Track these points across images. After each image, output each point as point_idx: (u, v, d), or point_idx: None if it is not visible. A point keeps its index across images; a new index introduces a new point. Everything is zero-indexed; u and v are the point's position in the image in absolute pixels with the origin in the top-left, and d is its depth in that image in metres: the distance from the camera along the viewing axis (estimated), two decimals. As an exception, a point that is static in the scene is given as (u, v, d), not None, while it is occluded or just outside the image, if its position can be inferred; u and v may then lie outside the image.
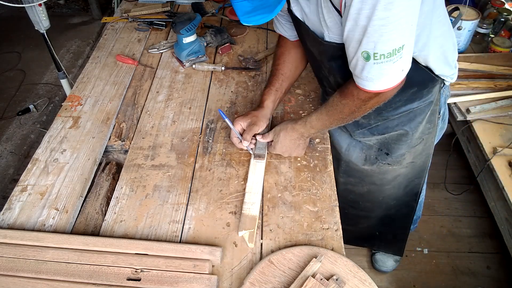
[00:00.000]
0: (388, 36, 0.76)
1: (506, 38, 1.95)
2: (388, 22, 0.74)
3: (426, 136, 1.20)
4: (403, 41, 0.78)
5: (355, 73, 0.86)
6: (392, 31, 0.75)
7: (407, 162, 1.27)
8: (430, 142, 1.24)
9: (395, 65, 0.80)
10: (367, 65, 0.82)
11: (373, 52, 0.78)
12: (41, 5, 1.58)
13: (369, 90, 0.86)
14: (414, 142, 1.20)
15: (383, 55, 0.78)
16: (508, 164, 1.60)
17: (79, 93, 1.35)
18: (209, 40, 1.53)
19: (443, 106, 1.17)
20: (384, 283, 1.81)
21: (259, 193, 1.01)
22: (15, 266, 0.86)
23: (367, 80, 0.85)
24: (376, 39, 0.77)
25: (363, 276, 0.84)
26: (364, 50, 0.80)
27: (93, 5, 3.65)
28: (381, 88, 0.85)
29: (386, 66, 0.80)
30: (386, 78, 0.83)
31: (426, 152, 1.27)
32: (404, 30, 0.77)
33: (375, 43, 0.77)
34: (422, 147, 1.23)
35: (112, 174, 1.14)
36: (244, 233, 0.92)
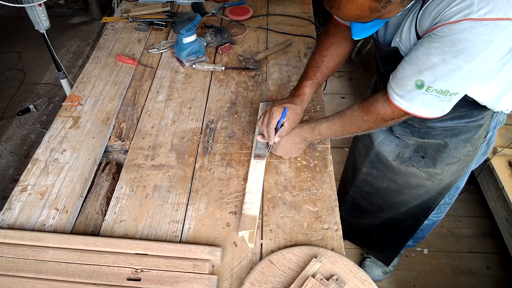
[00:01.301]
0: (451, 80, 0.79)
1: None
2: (459, 71, 0.76)
3: (463, 157, 1.15)
4: (459, 90, 0.81)
5: (397, 91, 0.88)
6: (457, 78, 0.78)
7: (436, 178, 1.22)
8: (465, 165, 1.19)
9: (440, 103, 0.83)
10: (415, 92, 0.84)
11: (429, 85, 0.81)
12: (41, 5, 1.58)
13: (400, 107, 0.88)
14: (450, 159, 1.15)
15: (435, 90, 0.81)
16: (508, 164, 1.60)
17: (79, 93, 1.35)
18: (209, 40, 1.53)
19: (491, 130, 1.13)
20: (384, 283, 1.81)
21: (259, 193, 1.01)
22: (15, 266, 0.86)
23: (406, 101, 0.87)
24: (439, 77, 0.79)
25: (363, 276, 0.84)
26: (421, 80, 0.82)
27: (93, 5, 3.64)
28: (413, 112, 0.87)
29: (432, 99, 0.83)
30: (424, 108, 0.86)
31: (457, 173, 1.22)
32: (467, 82, 0.79)
33: (436, 80, 0.80)
34: (455, 167, 1.18)
35: (112, 174, 1.14)
36: (244, 233, 0.92)
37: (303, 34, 1.60)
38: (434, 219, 1.55)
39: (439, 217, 1.55)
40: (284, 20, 1.70)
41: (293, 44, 1.55)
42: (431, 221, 1.57)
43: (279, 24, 1.68)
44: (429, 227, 1.63)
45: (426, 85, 0.81)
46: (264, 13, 1.75)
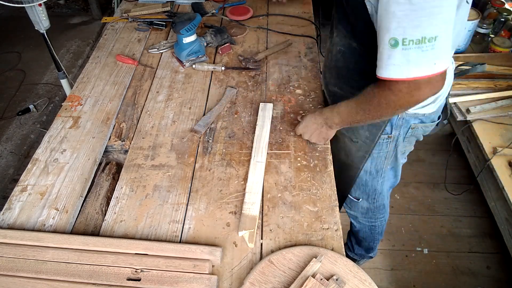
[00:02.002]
0: (418, 23, 0.73)
1: (506, 38, 1.95)
2: (419, 8, 0.72)
3: (361, 142, 1.19)
4: (436, 33, 0.74)
5: (380, 64, 0.82)
6: (422, 17, 0.73)
7: (345, 150, 1.26)
8: (362, 154, 1.21)
9: (424, 54, 0.76)
10: (393, 52, 0.78)
11: (402, 37, 0.75)
12: (41, 5, 1.58)
13: (391, 78, 0.81)
14: (351, 134, 1.19)
15: (412, 40, 0.75)
16: (508, 164, 1.60)
17: (79, 93, 1.35)
18: (209, 40, 1.53)
19: (395, 129, 1.12)
20: (384, 283, 1.81)
21: (259, 193, 1.01)
22: (15, 266, 0.86)
23: (391, 68, 0.80)
24: (405, 25, 0.74)
25: (363, 276, 0.84)
26: (392, 37, 0.77)
27: (93, 5, 3.64)
28: (404, 75, 0.79)
29: (414, 53, 0.76)
30: (413, 66, 0.78)
31: (357, 160, 1.25)
32: (437, 21, 0.74)
33: (404, 29, 0.75)
34: (355, 150, 1.23)
35: (112, 174, 1.14)
36: (244, 233, 0.92)
37: (303, 34, 1.60)
38: (367, 223, 1.57)
39: (372, 223, 1.56)
40: (284, 20, 1.70)
41: (293, 44, 1.55)
42: (366, 225, 1.58)
43: (279, 24, 1.68)
44: (368, 234, 1.64)
45: (400, 39, 0.76)
46: (264, 13, 1.75)
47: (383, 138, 1.15)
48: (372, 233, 1.63)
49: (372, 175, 1.31)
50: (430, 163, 2.32)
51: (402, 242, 1.95)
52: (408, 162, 2.31)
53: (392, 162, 1.28)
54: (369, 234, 1.64)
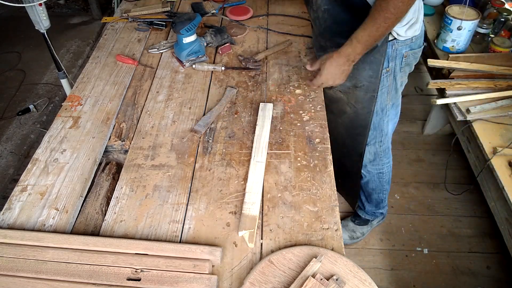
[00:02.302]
0: None
1: (506, 38, 1.95)
2: None
3: (366, 83, 1.26)
4: None
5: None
6: None
7: (351, 103, 1.35)
8: (371, 95, 1.29)
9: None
10: None
11: None
12: (41, 5, 1.58)
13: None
14: (356, 81, 1.26)
15: None
16: (508, 164, 1.60)
17: (79, 93, 1.35)
18: (209, 40, 1.53)
19: (391, 61, 1.22)
20: (384, 283, 1.81)
21: (259, 193, 1.01)
22: (15, 266, 0.86)
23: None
24: None
25: (363, 276, 0.84)
26: None
27: (93, 5, 3.64)
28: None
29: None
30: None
31: (367, 104, 1.32)
32: None
33: None
34: (362, 94, 1.29)
35: (112, 174, 1.14)
36: (244, 233, 0.92)
37: (303, 34, 1.60)
38: (375, 171, 1.62)
39: (380, 170, 1.62)
40: (284, 20, 1.70)
41: (293, 44, 1.55)
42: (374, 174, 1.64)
43: (279, 24, 1.68)
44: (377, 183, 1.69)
45: None
46: (264, 13, 1.75)
47: (383, 72, 1.23)
48: (381, 182, 1.68)
49: (378, 115, 1.37)
50: (430, 163, 2.32)
51: (402, 242, 1.95)
52: (408, 162, 2.32)
53: (393, 98, 1.34)
54: (378, 183, 1.68)
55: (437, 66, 1.93)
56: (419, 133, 2.51)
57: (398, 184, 2.22)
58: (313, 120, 1.22)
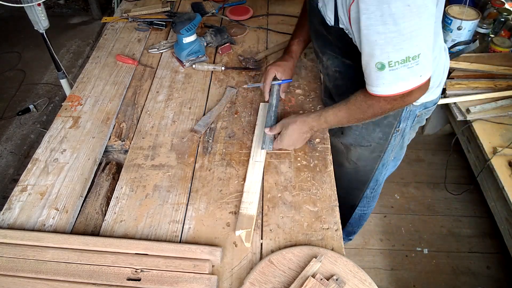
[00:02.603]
0: (401, 46, 0.78)
1: (506, 38, 1.95)
2: (399, 34, 0.76)
3: (374, 144, 1.21)
4: (418, 51, 0.79)
5: (371, 83, 0.87)
6: (404, 41, 0.77)
7: (351, 160, 1.30)
8: (377, 155, 1.25)
9: (410, 70, 0.81)
10: (381, 74, 0.83)
11: (388, 61, 0.80)
12: (40, 5, 1.58)
13: (384, 95, 0.87)
14: (362, 140, 1.22)
15: (397, 62, 0.80)
16: (508, 164, 1.60)
17: (79, 93, 1.35)
18: (209, 40, 1.53)
19: (404, 121, 1.15)
20: (384, 283, 1.81)
21: (257, 192, 1.01)
22: (15, 266, 0.86)
23: (382, 86, 0.85)
24: (389, 50, 0.79)
25: (363, 276, 0.84)
26: (378, 61, 0.82)
27: (93, 5, 3.64)
28: (395, 91, 0.85)
29: (401, 71, 0.81)
30: (401, 81, 0.84)
31: (370, 163, 1.28)
32: (418, 41, 0.78)
33: (389, 54, 0.80)
34: (368, 153, 1.25)
35: (112, 174, 1.14)
36: (241, 232, 0.92)
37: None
38: (360, 212, 1.61)
39: (364, 211, 1.61)
40: (284, 20, 1.70)
41: (293, 44, 1.55)
42: (358, 214, 1.63)
43: (279, 24, 1.68)
44: (357, 221, 1.68)
45: (386, 63, 0.81)
46: (264, 13, 1.75)
47: (393, 133, 1.18)
48: (361, 220, 1.68)
49: (379, 170, 1.34)
50: (430, 163, 2.32)
51: (402, 242, 1.95)
52: (408, 162, 2.32)
53: (396, 154, 1.31)
54: (357, 221, 1.68)
55: (437, 66, 1.93)
56: (419, 133, 2.51)
57: (398, 184, 2.22)
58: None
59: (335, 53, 1.07)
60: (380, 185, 1.47)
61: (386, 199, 2.14)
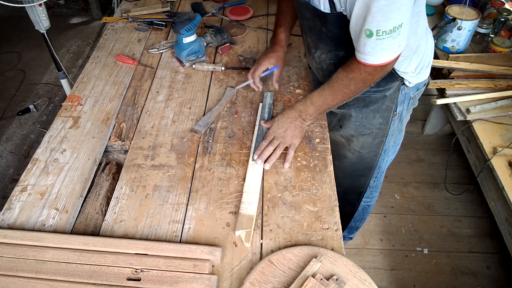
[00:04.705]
0: (391, 15, 0.83)
1: (506, 38, 1.95)
2: (392, 3, 0.81)
3: (376, 130, 1.24)
4: (402, 20, 0.85)
5: (358, 49, 0.93)
6: (394, 11, 0.82)
7: (355, 149, 1.32)
8: (379, 140, 1.28)
9: (394, 41, 0.87)
10: (369, 41, 0.88)
11: (376, 29, 0.85)
12: (41, 5, 1.58)
13: (371, 64, 0.93)
14: (363, 129, 1.24)
15: (385, 31, 0.85)
16: (508, 164, 1.60)
17: (79, 93, 1.35)
18: (209, 40, 1.53)
19: (400, 105, 1.20)
20: (384, 283, 1.81)
21: (256, 192, 1.00)
22: (15, 266, 0.86)
23: (369, 55, 0.92)
24: (379, 18, 0.84)
25: (363, 276, 0.84)
26: (367, 28, 0.86)
27: (93, 5, 3.65)
28: (381, 61, 0.92)
29: (387, 42, 0.87)
30: (386, 52, 0.91)
31: (374, 149, 1.31)
32: (405, 10, 0.84)
33: (378, 22, 0.84)
34: (370, 140, 1.28)
35: (112, 174, 1.14)
36: (241, 232, 0.92)
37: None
38: (364, 204, 1.61)
39: (368, 202, 1.61)
40: (284, 20, 1.70)
41: (293, 44, 1.55)
42: (361, 206, 1.62)
43: (279, 24, 1.67)
44: (360, 214, 1.68)
45: (374, 30, 0.86)
46: (264, 13, 1.75)
47: (392, 117, 1.22)
48: (364, 213, 1.67)
49: (381, 156, 1.35)
50: (430, 163, 2.32)
51: (402, 242, 1.95)
52: (408, 162, 2.32)
53: (396, 138, 1.33)
54: (360, 214, 1.67)
55: (437, 66, 1.93)
56: (419, 133, 2.51)
57: (398, 184, 2.22)
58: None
59: (329, 45, 1.11)
60: (383, 173, 1.48)
61: (386, 199, 2.14)
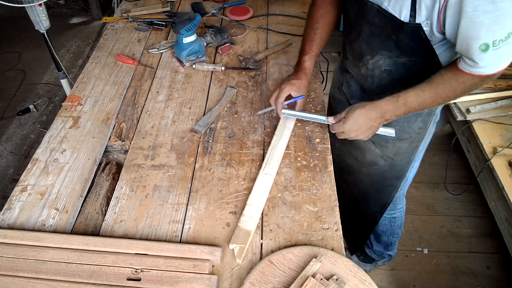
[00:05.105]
0: (505, 23, 0.79)
1: (506, 38, 1.95)
2: (505, 11, 0.78)
3: (414, 135, 1.19)
4: None
5: (471, 65, 0.87)
6: (508, 17, 0.78)
7: (387, 156, 1.26)
8: (415, 145, 1.23)
9: (510, 46, 0.82)
10: (486, 55, 0.83)
11: (492, 40, 0.81)
12: (41, 5, 1.58)
13: (484, 74, 0.88)
14: (402, 134, 1.19)
15: (501, 40, 0.81)
16: (508, 164, 1.60)
17: (79, 93, 1.35)
18: (209, 40, 1.53)
19: (439, 108, 1.16)
20: (384, 283, 1.81)
21: (260, 207, 0.97)
22: (15, 266, 0.86)
23: (484, 68, 0.86)
24: (495, 28, 0.80)
25: (363, 276, 0.84)
26: (483, 43, 0.82)
27: (93, 5, 3.65)
28: (498, 69, 0.87)
29: (503, 50, 0.82)
30: (504, 60, 0.85)
31: (408, 155, 1.25)
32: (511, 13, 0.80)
33: (494, 32, 0.80)
34: (407, 145, 1.23)
35: (112, 174, 1.14)
36: (235, 246, 0.89)
37: (303, 34, 1.60)
38: (387, 215, 1.56)
39: (392, 215, 1.57)
40: (284, 20, 1.70)
41: (293, 44, 1.55)
42: (386, 218, 1.58)
43: (279, 24, 1.68)
44: (389, 228, 1.63)
45: (490, 43, 0.81)
46: (264, 13, 1.75)
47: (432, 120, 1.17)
48: (392, 226, 1.62)
49: (412, 163, 1.30)
50: (430, 163, 2.32)
51: (402, 242, 1.95)
52: (408, 162, 2.32)
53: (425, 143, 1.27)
54: (389, 227, 1.62)
55: (437, 66, 1.93)
56: (419, 133, 2.51)
57: (398, 184, 2.22)
58: (313, 120, 1.22)
59: (391, 52, 1.02)
60: (408, 183, 1.42)
61: (386, 199, 2.14)
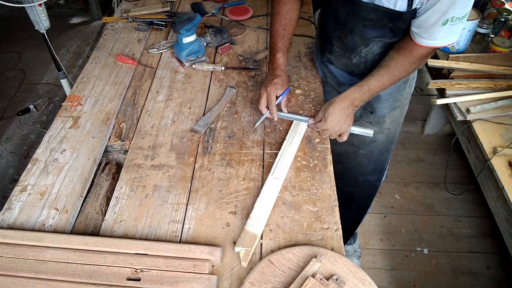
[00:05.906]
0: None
1: (506, 38, 1.95)
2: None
3: (404, 100, 1.26)
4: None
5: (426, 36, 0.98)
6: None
7: (386, 128, 1.33)
8: (403, 109, 1.31)
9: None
10: (443, 28, 0.94)
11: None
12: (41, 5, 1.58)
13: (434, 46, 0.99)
14: (395, 103, 1.25)
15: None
16: (508, 164, 1.60)
17: (79, 93, 1.35)
18: (209, 40, 1.53)
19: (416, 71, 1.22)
20: (384, 283, 1.81)
21: (268, 211, 0.96)
22: (15, 266, 0.86)
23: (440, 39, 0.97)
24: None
25: (363, 276, 0.84)
26: (447, 18, 0.92)
27: (93, 5, 3.65)
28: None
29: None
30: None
31: (399, 119, 1.33)
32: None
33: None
34: (399, 112, 1.29)
35: (112, 174, 1.14)
36: (240, 249, 0.89)
37: (303, 34, 1.60)
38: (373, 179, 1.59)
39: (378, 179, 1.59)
40: (284, 20, 1.70)
41: (292, 44, 1.55)
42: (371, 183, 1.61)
43: (279, 24, 1.67)
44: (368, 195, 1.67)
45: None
46: (264, 13, 1.75)
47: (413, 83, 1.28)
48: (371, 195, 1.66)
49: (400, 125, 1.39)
50: (430, 163, 2.32)
51: (402, 242, 1.95)
52: (408, 162, 2.32)
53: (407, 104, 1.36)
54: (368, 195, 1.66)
55: (437, 66, 1.93)
56: (419, 133, 2.51)
57: (398, 184, 2.22)
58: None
59: (385, 37, 1.09)
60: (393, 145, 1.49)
61: (386, 199, 2.14)
